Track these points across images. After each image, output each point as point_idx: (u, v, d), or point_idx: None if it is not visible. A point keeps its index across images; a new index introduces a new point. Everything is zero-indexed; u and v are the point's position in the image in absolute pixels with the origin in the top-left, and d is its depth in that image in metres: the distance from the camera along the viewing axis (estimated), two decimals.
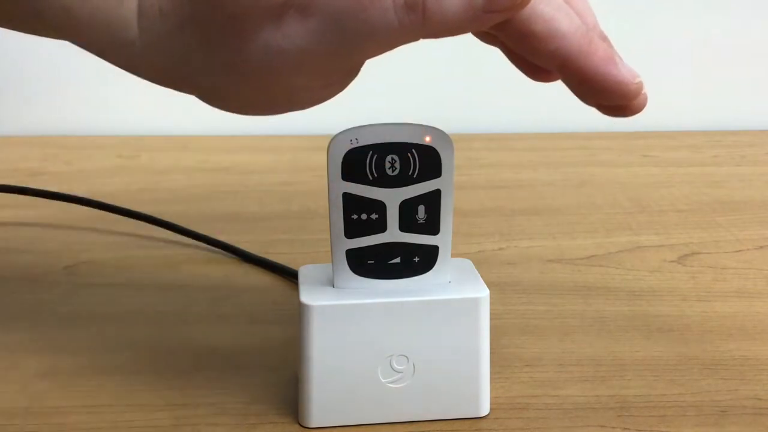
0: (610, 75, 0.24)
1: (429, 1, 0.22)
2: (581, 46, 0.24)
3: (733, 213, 0.53)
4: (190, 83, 0.26)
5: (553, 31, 0.24)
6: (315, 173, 0.62)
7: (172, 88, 0.26)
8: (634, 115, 0.25)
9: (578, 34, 0.24)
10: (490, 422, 0.30)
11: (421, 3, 0.22)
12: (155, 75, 0.26)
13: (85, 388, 0.33)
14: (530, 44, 0.24)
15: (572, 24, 0.24)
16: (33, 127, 0.76)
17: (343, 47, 0.23)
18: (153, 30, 0.25)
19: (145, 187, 0.59)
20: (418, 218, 0.29)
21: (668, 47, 0.76)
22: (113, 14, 0.25)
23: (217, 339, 0.37)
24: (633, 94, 0.24)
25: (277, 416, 0.31)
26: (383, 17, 0.22)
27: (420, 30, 0.22)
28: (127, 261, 0.45)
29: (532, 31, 0.24)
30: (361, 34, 0.22)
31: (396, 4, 0.22)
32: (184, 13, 0.24)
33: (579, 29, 0.24)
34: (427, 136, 0.28)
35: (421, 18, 0.22)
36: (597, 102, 0.25)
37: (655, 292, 0.41)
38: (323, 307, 0.28)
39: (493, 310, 0.30)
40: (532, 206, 0.55)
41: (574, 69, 0.24)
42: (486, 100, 0.67)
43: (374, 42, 0.23)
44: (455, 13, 0.22)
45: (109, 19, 0.25)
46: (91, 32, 0.25)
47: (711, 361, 0.35)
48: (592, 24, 0.26)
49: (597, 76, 0.24)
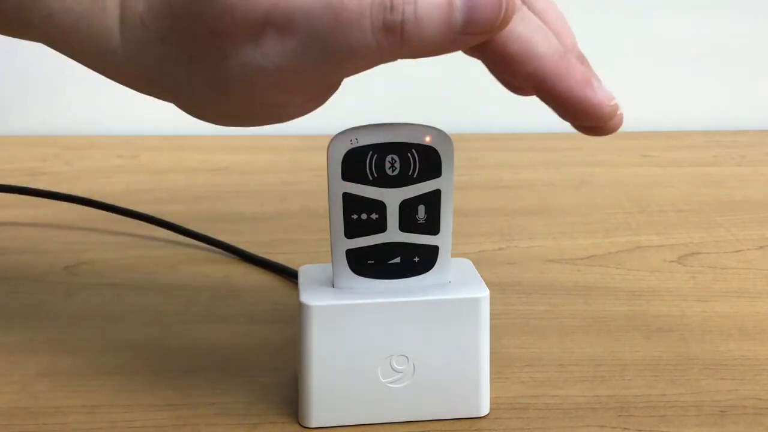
0: (586, 98, 0.24)
1: (407, 23, 0.22)
2: (558, 69, 0.24)
3: (733, 213, 0.53)
4: (170, 93, 0.26)
5: (530, 53, 0.24)
6: (315, 173, 0.62)
7: (153, 96, 0.27)
8: (609, 134, 0.26)
9: (555, 57, 0.24)
10: (490, 422, 0.30)
11: (399, 25, 0.22)
12: (136, 83, 0.26)
13: (85, 388, 0.33)
14: (507, 65, 0.24)
15: (550, 46, 0.24)
16: (33, 127, 0.76)
17: (322, 66, 0.23)
18: (135, 40, 0.25)
19: (145, 187, 0.59)
20: (418, 218, 0.29)
21: (668, 47, 0.76)
22: (96, 23, 0.25)
23: (217, 339, 0.37)
24: (608, 116, 0.25)
25: (277, 416, 0.31)
26: (362, 38, 0.22)
27: (398, 51, 0.22)
28: (127, 261, 0.45)
29: (509, 53, 0.24)
30: (340, 54, 0.23)
31: (374, 25, 0.22)
32: (165, 26, 0.24)
33: (556, 51, 0.24)
34: (427, 136, 0.28)
35: (399, 39, 0.22)
36: (573, 121, 0.25)
37: (655, 292, 0.41)
38: (323, 307, 0.28)
39: (493, 310, 0.30)
40: (532, 206, 0.55)
41: (551, 91, 0.24)
42: (486, 100, 0.67)
43: (353, 62, 0.23)
44: (433, 35, 0.22)
45: (92, 27, 0.25)
46: (74, 40, 0.26)
47: (711, 361, 0.35)
48: (570, 45, 0.26)
49: (572, 98, 0.24)
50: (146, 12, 0.24)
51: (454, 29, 0.22)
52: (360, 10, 0.22)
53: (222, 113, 0.26)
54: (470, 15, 0.22)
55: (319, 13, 0.22)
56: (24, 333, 0.37)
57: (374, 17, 0.22)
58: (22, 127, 0.76)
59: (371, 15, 0.22)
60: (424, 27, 0.22)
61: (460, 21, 0.22)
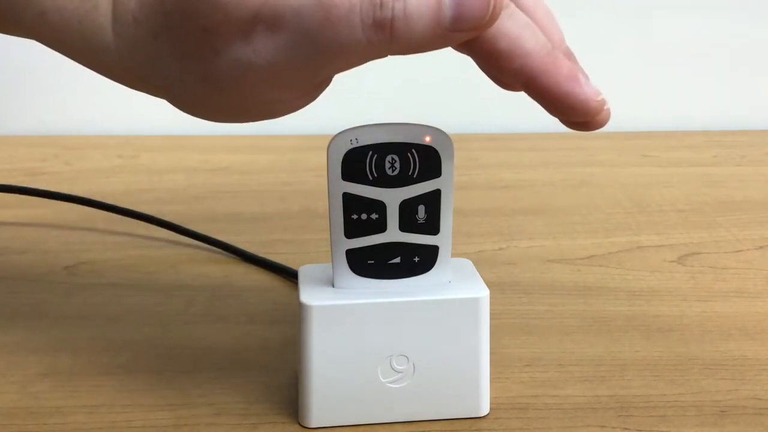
0: (573, 93, 0.25)
1: (397, 19, 0.22)
2: (545, 65, 0.24)
3: (733, 213, 0.53)
4: (163, 89, 0.26)
5: (517, 49, 0.24)
6: (315, 173, 0.62)
7: (146, 92, 0.27)
8: (597, 129, 0.26)
9: (543, 53, 0.24)
10: (490, 422, 0.30)
11: (389, 21, 0.22)
12: (129, 80, 0.27)
13: (85, 388, 0.33)
14: (495, 62, 0.24)
15: (537, 42, 0.24)
16: (33, 127, 0.76)
17: (312, 63, 0.23)
18: (127, 37, 0.25)
19: (145, 187, 0.59)
20: (418, 218, 0.29)
21: (668, 47, 0.76)
22: (88, 20, 0.25)
23: (217, 339, 0.37)
24: (595, 111, 0.25)
25: (277, 416, 0.31)
26: (351, 35, 0.22)
27: (388, 47, 0.23)
28: (127, 261, 0.45)
29: (497, 50, 0.24)
30: (330, 51, 0.23)
31: (364, 22, 0.22)
32: (157, 23, 0.24)
33: (544, 47, 0.24)
34: (427, 136, 0.28)
35: (389, 36, 0.22)
36: (561, 117, 0.26)
37: (655, 292, 0.41)
38: (323, 307, 0.28)
39: (493, 310, 0.30)
40: (532, 206, 0.55)
41: (538, 86, 0.25)
42: (486, 100, 0.67)
43: (342, 58, 0.23)
44: (422, 32, 0.22)
45: (84, 24, 0.25)
46: (67, 37, 0.26)
47: (711, 361, 0.35)
48: (558, 42, 0.26)
49: (560, 94, 0.25)
50: (138, 9, 0.25)
51: (443, 26, 0.22)
52: (350, 7, 0.22)
53: (214, 109, 0.26)
54: (459, 12, 0.22)
55: (309, 10, 0.22)
56: (24, 333, 0.37)
57: (364, 14, 0.22)
58: (22, 127, 0.76)
59: (361, 12, 0.22)
60: (414, 24, 0.22)
61: (448, 18, 0.22)
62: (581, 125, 0.26)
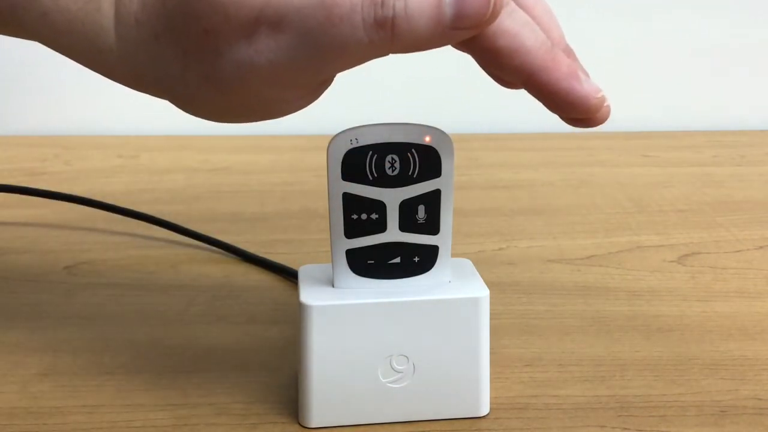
0: (572, 89, 0.25)
1: (398, 18, 0.22)
2: (545, 62, 0.24)
3: (733, 213, 0.53)
4: (165, 90, 0.26)
5: (517, 46, 0.24)
6: (315, 173, 0.62)
7: (148, 93, 0.27)
8: (597, 126, 0.26)
9: (542, 50, 0.24)
10: (490, 422, 0.30)
11: (390, 20, 0.22)
12: (132, 81, 0.27)
13: (85, 388, 0.33)
14: (495, 59, 0.25)
15: (537, 40, 0.24)
16: (33, 127, 0.76)
17: (314, 62, 0.24)
18: (129, 38, 0.25)
19: (145, 187, 0.59)
20: (418, 218, 0.29)
21: (668, 47, 0.76)
22: (91, 21, 0.25)
23: (217, 339, 0.37)
24: (595, 108, 0.25)
25: (277, 416, 0.31)
26: (353, 34, 0.22)
27: (389, 46, 0.23)
28: (127, 261, 0.45)
29: (496, 47, 0.24)
30: (332, 50, 0.23)
31: (366, 21, 0.22)
32: (159, 24, 0.24)
33: (543, 45, 0.25)
34: (427, 136, 0.28)
35: (390, 35, 0.22)
36: (561, 113, 0.26)
37: (655, 292, 0.41)
38: (323, 307, 0.28)
39: (493, 310, 0.30)
40: (532, 206, 0.55)
41: (538, 84, 0.25)
42: (486, 100, 0.67)
43: (344, 57, 0.23)
44: (423, 31, 0.23)
45: (87, 26, 0.25)
46: (69, 39, 0.26)
47: (711, 361, 0.35)
48: (557, 39, 0.27)
49: (560, 91, 0.25)
50: (140, 11, 0.25)
51: (444, 24, 0.23)
52: (351, 7, 0.22)
53: (217, 109, 0.26)
54: (459, 10, 0.22)
55: (311, 10, 0.22)
56: (24, 333, 0.37)
57: (365, 13, 0.22)
58: (22, 127, 0.76)
59: (362, 11, 0.22)
60: (415, 22, 0.22)
61: (449, 16, 0.22)
62: (581, 122, 0.26)
